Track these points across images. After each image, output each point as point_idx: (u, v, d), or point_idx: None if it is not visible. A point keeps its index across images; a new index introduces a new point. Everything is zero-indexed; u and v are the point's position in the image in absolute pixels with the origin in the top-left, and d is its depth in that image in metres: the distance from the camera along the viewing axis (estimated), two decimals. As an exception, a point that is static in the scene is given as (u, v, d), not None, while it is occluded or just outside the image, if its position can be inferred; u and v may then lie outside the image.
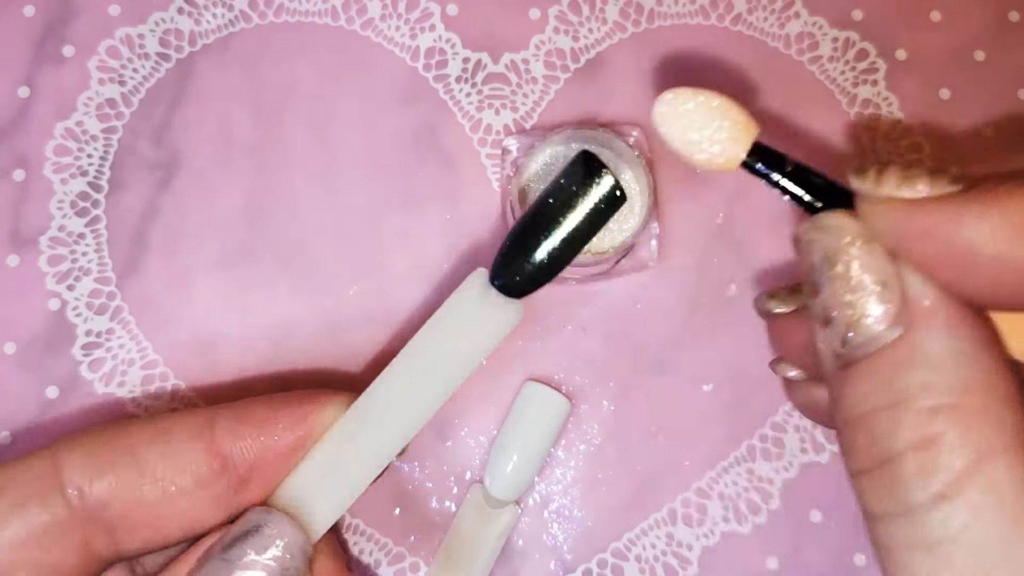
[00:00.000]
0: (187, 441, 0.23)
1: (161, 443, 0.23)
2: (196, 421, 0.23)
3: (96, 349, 0.33)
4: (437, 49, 0.35)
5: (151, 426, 0.23)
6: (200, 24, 0.35)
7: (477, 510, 0.31)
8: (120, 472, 0.22)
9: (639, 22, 0.35)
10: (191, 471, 0.22)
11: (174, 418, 0.23)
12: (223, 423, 0.23)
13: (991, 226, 0.17)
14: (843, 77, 0.35)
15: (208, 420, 0.23)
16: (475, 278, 0.24)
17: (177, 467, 0.22)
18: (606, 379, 0.33)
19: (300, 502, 0.23)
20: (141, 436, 0.23)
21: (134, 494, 0.22)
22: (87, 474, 0.22)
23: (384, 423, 0.23)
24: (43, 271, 0.33)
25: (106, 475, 0.22)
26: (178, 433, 0.23)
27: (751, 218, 0.34)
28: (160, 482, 0.22)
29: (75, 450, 0.22)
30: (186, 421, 0.23)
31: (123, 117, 0.34)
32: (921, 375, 0.17)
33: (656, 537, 0.32)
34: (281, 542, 0.22)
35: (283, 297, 0.33)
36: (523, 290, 0.23)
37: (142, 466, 0.22)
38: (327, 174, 0.34)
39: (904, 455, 0.17)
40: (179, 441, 0.23)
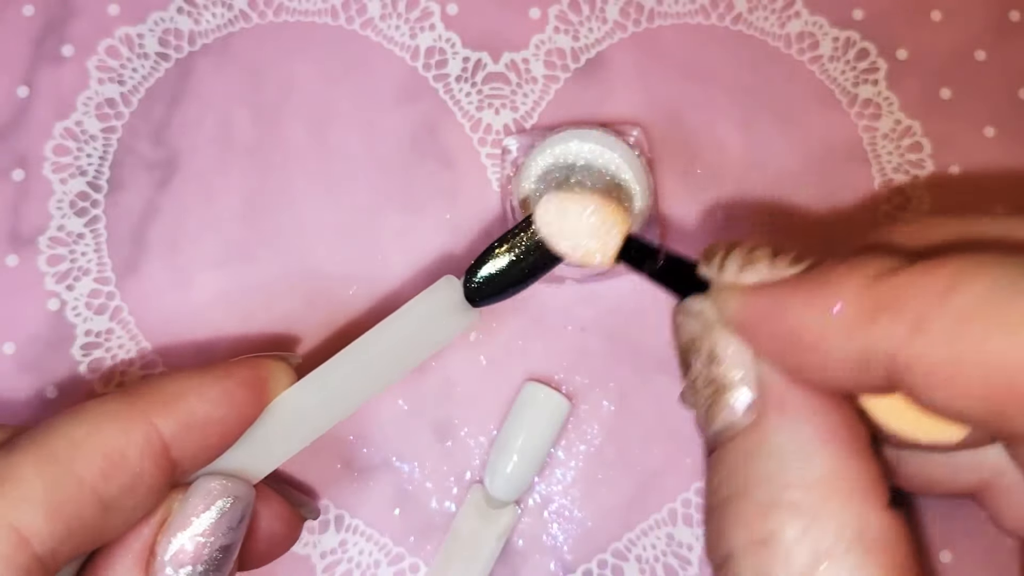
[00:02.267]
0: (142, 460, 0.21)
1: (118, 474, 0.20)
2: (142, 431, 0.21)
3: (95, 349, 0.32)
4: (437, 49, 0.35)
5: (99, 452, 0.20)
6: (199, 24, 0.35)
7: (477, 511, 0.31)
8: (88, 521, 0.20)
9: (639, 22, 0.35)
10: (148, 485, 0.21)
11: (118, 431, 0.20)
12: (168, 427, 0.21)
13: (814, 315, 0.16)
14: (843, 77, 0.35)
15: (153, 426, 0.21)
16: (445, 283, 0.26)
17: (136, 491, 0.21)
18: (606, 379, 0.33)
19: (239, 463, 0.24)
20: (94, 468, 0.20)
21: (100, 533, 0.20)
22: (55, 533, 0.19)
23: (333, 397, 0.25)
24: (42, 271, 0.33)
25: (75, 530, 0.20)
26: (132, 455, 0.20)
27: (751, 218, 0.34)
28: (123, 509, 0.21)
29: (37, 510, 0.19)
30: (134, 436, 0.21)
31: (122, 117, 0.34)
32: (765, 466, 0.17)
33: (656, 537, 0.32)
34: (246, 504, 0.22)
35: (282, 297, 0.33)
36: (475, 298, 0.25)
37: (105, 504, 0.20)
38: (327, 174, 0.34)
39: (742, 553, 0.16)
40: (134, 464, 0.20)
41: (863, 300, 0.16)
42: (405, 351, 0.25)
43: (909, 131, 0.34)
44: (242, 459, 0.24)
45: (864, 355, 0.16)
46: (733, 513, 0.17)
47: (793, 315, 0.17)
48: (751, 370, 0.18)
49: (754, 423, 0.17)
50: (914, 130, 0.35)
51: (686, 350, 0.19)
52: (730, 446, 0.17)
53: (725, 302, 0.18)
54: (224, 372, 0.23)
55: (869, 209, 0.34)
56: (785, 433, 0.17)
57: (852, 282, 0.16)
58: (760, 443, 0.17)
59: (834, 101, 0.35)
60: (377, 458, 0.32)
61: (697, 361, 0.18)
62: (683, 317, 0.19)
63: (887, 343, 0.15)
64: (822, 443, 0.17)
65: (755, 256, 0.18)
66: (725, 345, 0.18)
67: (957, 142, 0.34)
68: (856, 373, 0.16)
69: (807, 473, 0.16)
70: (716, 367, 0.18)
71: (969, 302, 0.15)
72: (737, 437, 0.17)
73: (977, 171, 0.34)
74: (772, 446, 0.17)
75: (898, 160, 0.34)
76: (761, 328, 0.17)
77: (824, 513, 0.16)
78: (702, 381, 0.18)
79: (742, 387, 0.18)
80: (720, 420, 0.18)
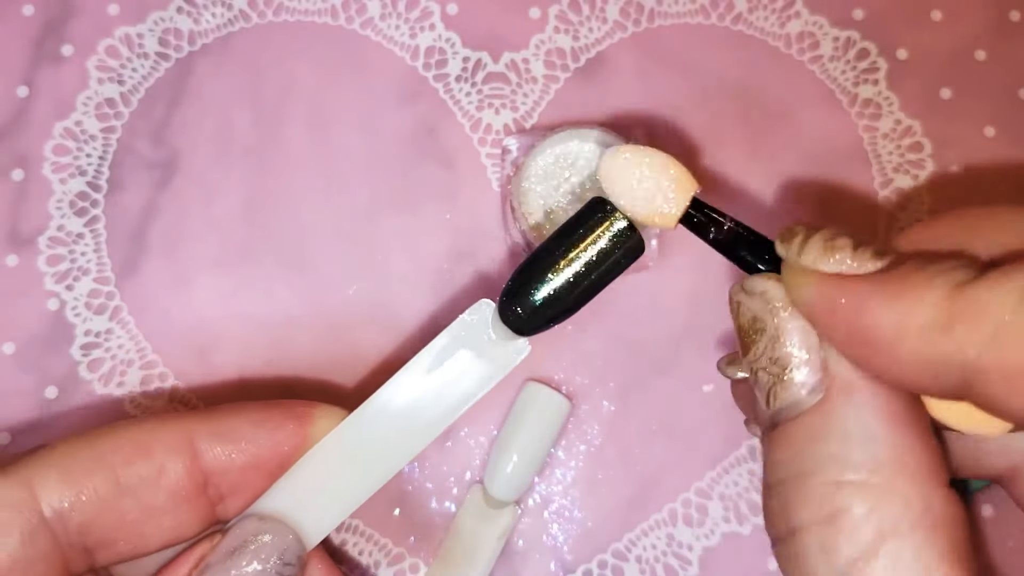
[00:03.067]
0: (167, 458, 0.22)
1: (141, 460, 0.22)
2: (176, 434, 0.22)
3: (95, 349, 0.32)
4: (437, 48, 0.35)
5: (128, 441, 0.22)
6: (199, 23, 0.35)
7: (477, 511, 0.31)
8: (100, 493, 0.21)
9: (639, 21, 0.35)
10: (172, 489, 0.22)
11: (152, 429, 0.22)
12: (205, 439, 0.22)
13: (893, 317, 0.17)
14: (844, 77, 0.35)
15: (188, 433, 0.22)
16: (481, 308, 0.23)
17: (158, 485, 0.22)
18: (606, 379, 0.33)
19: (291, 511, 0.23)
20: (119, 453, 0.22)
21: (114, 514, 0.21)
22: (66, 496, 0.21)
23: (384, 442, 0.23)
24: (42, 271, 0.33)
25: (86, 497, 0.21)
26: (158, 450, 0.22)
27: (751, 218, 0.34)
28: (140, 501, 0.22)
29: (51, 471, 0.21)
30: (165, 436, 0.22)
31: (122, 117, 0.34)
32: (831, 447, 0.17)
33: (657, 537, 0.32)
34: (280, 549, 0.22)
35: (282, 297, 0.33)
36: (532, 328, 0.22)
37: (122, 485, 0.21)
38: (327, 174, 0.34)
39: (808, 529, 0.17)
40: (159, 457, 0.22)
41: (944, 308, 0.16)
42: (459, 397, 0.23)
43: (909, 131, 0.34)
44: (296, 509, 0.23)
45: (939, 362, 0.16)
46: (799, 490, 0.17)
47: (871, 313, 0.17)
48: (817, 352, 0.18)
49: (819, 403, 0.17)
50: (914, 130, 0.34)
51: (748, 329, 0.19)
52: (794, 425, 0.18)
53: (801, 287, 0.18)
54: (269, 402, 0.24)
55: (870, 208, 0.34)
56: (852, 414, 0.17)
57: (936, 289, 0.16)
58: (826, 423, 0.17)
59: (834, 101, 0.35)
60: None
61: (761, 340, 0.19)
62: (744, 295, 0.19)
63: (964, 352, 0.16)
64: (888, 424, 0.17)
65: (837, 244, 0.18)
66: (793, 326, 0.18)
67: (957, 142, 0.34)
68: (928, 378, 0.16)
69: (874, 453, 0.17)
70: (782, 347, 0.18)
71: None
72: (802, 416, 0.18)
73: (977, 171, 0.34)
74: (839, 426, 0.17)
75: (898, 160, 0.34)
76: (836, 319, 0.18)
77: (890, 492, 0.16)
78: (766, 360, 0.18)
79: (807, 367, 0.18)
80: (785, 398, 0.18)
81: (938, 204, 0.34)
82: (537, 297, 0.22)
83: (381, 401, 0.23)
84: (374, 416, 0.23)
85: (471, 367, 0.23)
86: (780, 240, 0.19)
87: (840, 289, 0.17)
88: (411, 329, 0.33)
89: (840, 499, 0.17)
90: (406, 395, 0.23)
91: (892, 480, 0.17)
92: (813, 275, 0.18)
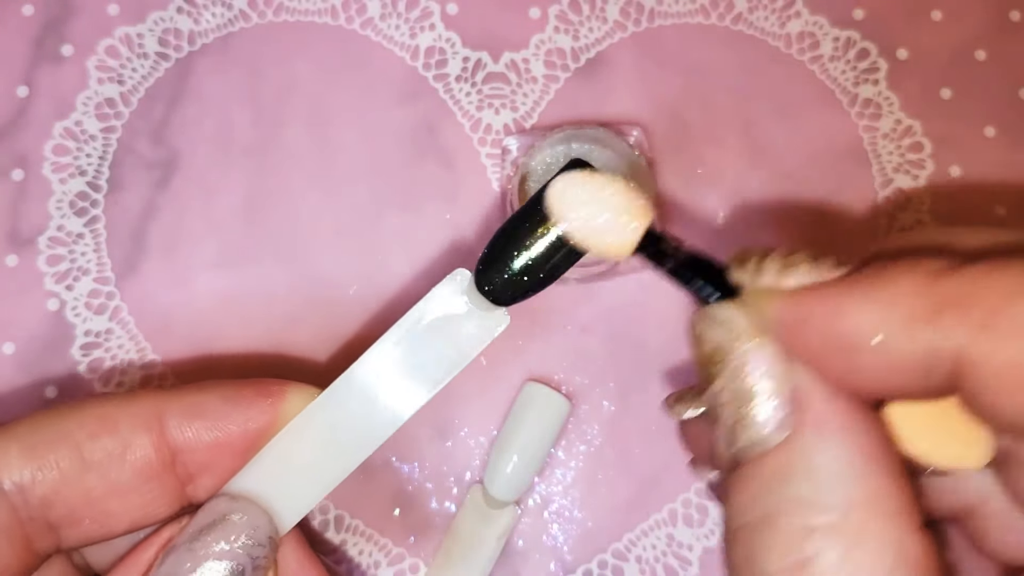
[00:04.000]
0: (133, 432, 0.21)
1: (106, 435, 0.21)
2: (143, 409, 0.21)
3: (95, 349, 0.32)
4: (437, 48, 0.35)
5: (94, 414, 0.21)
6: (199, 23, 0.35)
7: (477, 511, 0.31)
8: (63, 467, 0.21)
9: (639, 21, 0.35)
10: (138, 464, 0.21)
11: (118, 404, 0.22)
12: (174, 415, 0.22)
13: (872, 314, 0.16)
14: (844, 76, 0.35)
15: (156, 409, 0.22)
16: (457, 277, 0.23)
17: (123, 461, 0.21)
18: (606, 379, 0.33)
19: (264, 493, 0.22)
20: (83, 427, 0.21)
21: (78, 489, 0.21)
22: (27, 469, 0.20)
23: (360, 420, 0.22)
24: (42, 271, 0.33)
25: (48, 471, 0.20)
26: (124, 423, 0.21)
27: (751, 218, 0.34)
28: (105, 476, 0.21)
29: (12, 444, 0.21)
30: (131, 408, 0.21)
31: (122, 117, 0.34)
32: (800, 488, 0.16)
33: (657, 538, 0.32)
34: (250, 529, 0.21)
35: (282, 297, 0.33)
36: (510, 298, 0.21)
37: (86, 460, 0.21)
38: (326, 174, 0.34)
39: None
40: (125, 432, 0.21)
41: (926, 296, 0.15)
42: (436, 373, 0.22)
43: (909, 131, 0.34)
44: (270, 490, 0.22)
45: (928, 354, 0.15)
46: (765, 536, 0.16)
47: (847, 315, 0.16)
48: (784, 383, 0.17)
49: (786, 440, 0.16)
50: (914, 130, 0.34)
51: (709, 360, 0.18)
52: (758, 464, 0.16)
53: (765, 307, 0.17)
54: (240, 380, 0.23)
55: (870, 208, 0.34)
56: (822, 452, 0.16)
57: (912, 278, 0.15)
58: (794, 462, 0.16)
59: (834, 101, 0.35)
60: (377, 458, 0.32)
61: (723, 373, 0.17)
62: (706, 325, 0.18)
63: (953, 341, 0.15)
64: (862, 463, 0.16)
65: (794, 259, 0.17)
66: (756, 355, 0.17)
67: (957, 142, 0.34)
68: (917, 375, 0.15)
69: (847, 494, 0.16)
70: (745, 379, 0.17)
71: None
72: (769, 454, 0.16)
73: (978, 171, 0.34)
74: (808, 465, 0.16)
75: (898, 160, 0.34)
76: (809, 332, 0.16)
77: (864, 536, 0.15)
78: (727, 394, 0.17)
79: (774, 401, 0.17)
80: (749, 436, 0.17)
81: (938, 204, 0.34)
82: (515, 265, 0.20)
83: (356, 377, 0.22)
84: (349, 393, 0.22)
85: (448, 340, 0.22)
86: (735, 264, 0.18)
87: (808, 299, 0.16)
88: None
89: (810, 545, 0.15)
90: (381, 371, 0.22)
91: (866, 523, 0.15)
92: (778, 293, 0.17)
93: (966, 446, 0.17)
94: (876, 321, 0.15)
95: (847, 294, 0.16)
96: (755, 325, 0.17)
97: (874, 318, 0.16)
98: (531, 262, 0.21)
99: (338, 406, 0.22)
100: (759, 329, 0.17)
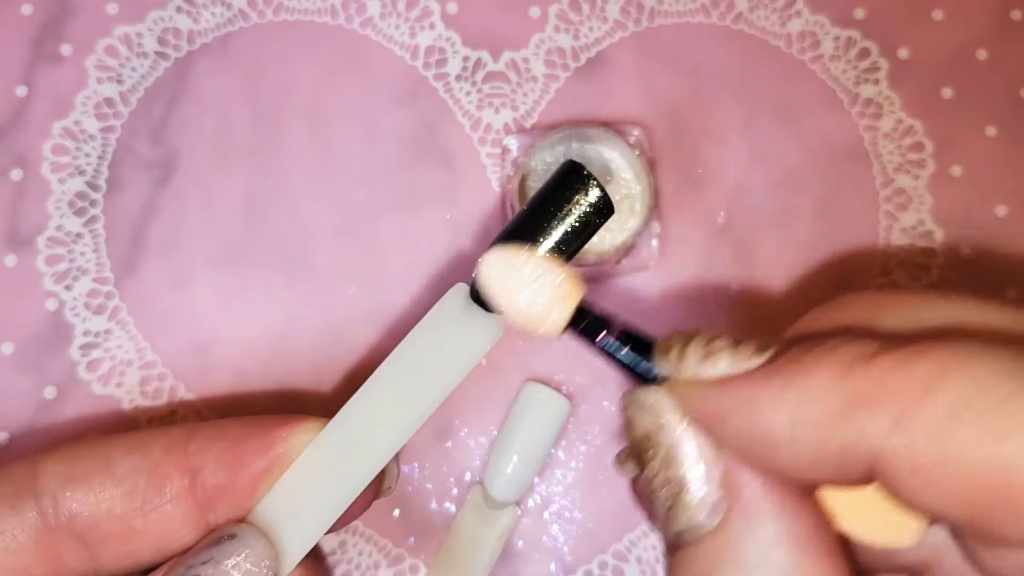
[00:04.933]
0: (162, 454, 0.22)
1: (137, 455, 0.22)
2: (173, 436, 0.23)
3: (94, 349, 0.32)
4: (437, 48, 0.35)
5: (130, 439, 0.23)
6: (198, 23, 0.35)
7: (477, 511, 0.31)
8: (94, 481, 0.22)
9: (640, 20, 0.35)
10: (163, 484, 0.22)
11: (153, 432, 0.23)
12: (198, 440, 0.23)
13: (785, 414, 0.15)
14: (845, 76, 0.35)
15: (185, 435, 0.23)
16: (454, 293, 0.23)
17: (150, 479, 0.22)
18: (606, 379, 0.33)
19: (274, 526, 0.22)
20: (118, 447, 0.22)
21: (106, 504, 0.22)
22: (61, 481, 0.22)
23: (359, 447, 0.23)
24: (41, 271, 0.33)
25: (80, 483, 0.22)
26: (154, 446, 0.22)
27: (752, 218, 0.34)
28: (132, 493, 0.22)
29: (52, 458, 0.22)
30: (164, 435, 0.23)
31: (121, 116, 0.34)
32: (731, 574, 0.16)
33: (657, 538, 0.32)
34: (248, 552, 0.21)
35: (282, 297, 0.33)
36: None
37: (116, 476, 0.22)
38: (326, 173, 0.34)
39: None
40: (155, 453, 0.22)
41: (839, 392, 0.15)
42: (432, 387, 0.23)
43: (910, 130, 0.34)
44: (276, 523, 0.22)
45: (843, 451, 0.15)
46: None
47: (762, 413, 0.16)
48: (714, 468, 0.17)
49: (719, 526, 0.16)
50: (915, 129, 0.34)
51: (640, 445, 0.18)
52: (694, 550, 0.17)
53: (686, 397, 0.17)
54: (258, 416, 0.24)
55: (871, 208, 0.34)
56: (751, 540, 0.16)
57: (825, 371, 0.15)
58: (725, 550, 0.16)
59: (835, 100, 0.35)
60: (377, 459, 0.32)
61: (656, 458, 0.17)
62: (635, 409, 0.18)
63: (867, 439, 0.15)
64: (791, 550, 0.16)
65: (715, 347, 0.17)
66: (684, 442, 0.17)
67: (958, 142, 0.34)
68: (833, 470, 0.15)
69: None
70: (678, 466, 0.17)
71: (954, 401, 0.14)
72: (702, 540, 0.16)
73: (979, 170, 0.34)
74: (738, 554, 0.16)
75: (899, 159, 0.34)
76: (727, 425, 0.16)
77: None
78: (661, 480, 0.17)
79: (705, 488, 0.17)
80: (683, 521, 0.17)
81: (939, 204, 0.34)
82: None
83: (360, 405, 0.23)
84: (354, 421, 0.23)
85: (449, 353, 0.22)
86: (657, 354, 0.18)
87: (725, 394, 0.16)
88: (410, 329, 0.33)
89: None
90: (386, 393, 0.23)
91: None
92: (696, 385, 0.17)
93: (898, 526, 0.17)
94: (789, 421, 0.15)
95: (761, 390, 0.16)
96: (682, 413, 0.17)
97: (787, 418, 0.15)
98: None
99: (343, 436, 0.23)
100: (686, 417, 0.17)
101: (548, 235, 0.21)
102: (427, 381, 0.22)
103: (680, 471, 0.17)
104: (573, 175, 0.22)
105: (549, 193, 0.22)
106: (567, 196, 0.21)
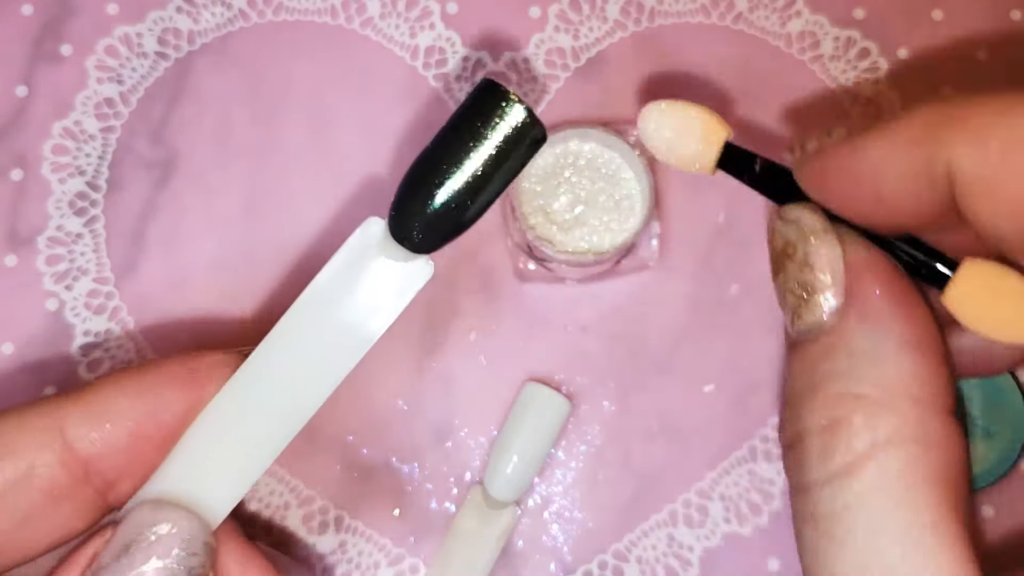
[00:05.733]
0: (35, 452, 0.19)
1: (3, 461, 0.18)
2: (41, 424, 0.19)
3: (94, 349, 0.32)
4: (437, 48, 0.35)
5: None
6: (198, 23, 0.35)
7: (477, 511, 0.31)
8: None
9: (640, 21, 0.35)
10: (46, 487, 0.19)
11: (14, 423, 0.19)
12: (76, 424, 0.19)
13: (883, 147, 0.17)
14: (845, 76, 0.35)
15: (55, 421, 0.19)
16: (369, 227, 0.21)
17: (31, 488, 0.19)
18: (606, 379, 0.33)
19: (188, 491, 0.19)
20: None
21: None
22: None
23: (284, 393, 0.20)
24: (41, 271, 0.33)
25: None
26: (22, 444, 0.19)
27: (752, 218, 0.34)
28: (12, 508, 0.19)
29: None
30: (28, 426, 0.19)
31: (121, 116, 0.34)
32: (841, 363, 0.18)
33: (657, 538, 0.32)
34: (181, 540, 0.19)
35: (282, 297, 0.33)
36: (430, 244, 0.19)
37: None
38: (326, 173, 0.34)
39: (811, 435, 0.18)
40: (25, 454, 0.19)
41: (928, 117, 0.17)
42: (359, 335, 0.20)
43: (910, 130, 0.34)
44: (195, 486, 0.19)
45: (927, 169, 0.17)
46: (809, 400, 0.18)
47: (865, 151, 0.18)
48: (840, 276, 0.19)
49: (837, 324, 0.18)
50: (915, 129, 0.34)
51: (780, 254, 0.20)
52: (812, 343, 0.19)
53: (805, 171, 0.19)
54: (149, 366, 0.20)
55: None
56: (863, 335, 0.18)
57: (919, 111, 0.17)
58: (839, 342, 0.18)
59: (835, 100, 0.35)
60: (377, 459, 0.32)
61: (791, 265, 0.20)
62: (780, 223, 0.20)
63: (947, 153, 0.16)
64: (898, 349, 0.18)
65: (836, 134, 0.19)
66: (818, 251, 0.19)
67: (958, 141, 0.34)
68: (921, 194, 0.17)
69: (880, 373, 0.18)
70: (810, 271, 0.19)
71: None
72: (820, 336, 0.19)
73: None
74: (850, 345, 0.18)
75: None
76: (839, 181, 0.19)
77: (890, 409, 0.17)
78: (794, 283, 0.19)
79: (831, 291, 0.19)
80: (808, 319, 0.19)
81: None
82: (432, 207, 0.19)
83: (271, 348, 0.20)
84: (267, 366, 0.20)
85: (369, 296, 0.20)
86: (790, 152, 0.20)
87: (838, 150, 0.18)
88: (410, 329, 0.33)
89: (842, 409, 0.18)
90: (300, 338, 0.20)
91: (893, 399, 0.17)
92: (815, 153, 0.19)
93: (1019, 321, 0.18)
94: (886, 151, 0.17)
95: (864, 137, 0.18)
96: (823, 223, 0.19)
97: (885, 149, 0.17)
98: (449, 201, 0.19)
99: (257, 381, 0.20)
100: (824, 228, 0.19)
101: (463, 163, 0.19)
102: (355, 329, 0.21)
103: (812, 275, 0.19)
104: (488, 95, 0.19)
105: (462, 119, 0.19)
106: (484, 122, 0.19)
